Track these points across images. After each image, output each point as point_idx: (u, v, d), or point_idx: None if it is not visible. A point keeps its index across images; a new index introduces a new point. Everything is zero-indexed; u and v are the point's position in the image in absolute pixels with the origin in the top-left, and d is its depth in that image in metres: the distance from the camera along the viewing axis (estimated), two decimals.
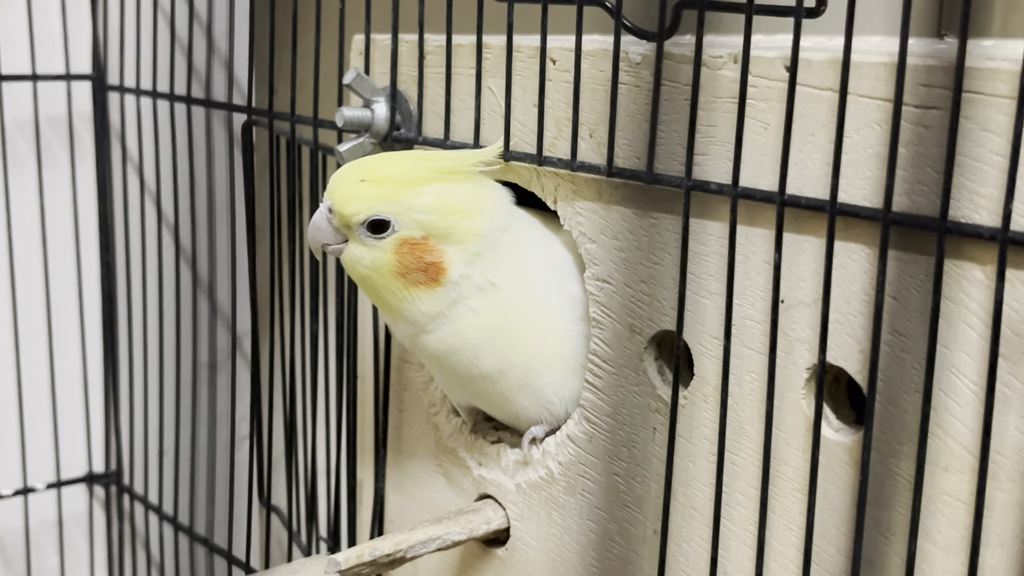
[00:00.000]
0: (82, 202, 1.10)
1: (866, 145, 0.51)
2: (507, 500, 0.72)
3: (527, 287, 0.66)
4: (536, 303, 0.66)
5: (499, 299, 0.65)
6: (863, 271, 0.52)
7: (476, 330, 0.65)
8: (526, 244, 0.67)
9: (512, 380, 0.67)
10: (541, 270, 0.67)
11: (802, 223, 0.54)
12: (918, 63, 0.49)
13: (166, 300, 1.09)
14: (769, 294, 0.55)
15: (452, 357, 0.66)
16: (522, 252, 0.66)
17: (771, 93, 0.55)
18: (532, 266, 0.67)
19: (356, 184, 0.64)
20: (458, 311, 0.65)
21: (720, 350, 0.58)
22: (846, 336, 0.53)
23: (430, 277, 0.64)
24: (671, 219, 0.60)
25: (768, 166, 0.55)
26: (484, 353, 0.66)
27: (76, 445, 1.15)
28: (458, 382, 0.69)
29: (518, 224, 0.67)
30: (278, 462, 1.04)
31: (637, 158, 0.61)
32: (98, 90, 1.09)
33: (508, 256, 0.66)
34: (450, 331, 0.65)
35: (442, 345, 0.66)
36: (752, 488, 0.58)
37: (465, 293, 0.65)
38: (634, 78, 0.60)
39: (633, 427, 0.63)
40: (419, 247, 0.63)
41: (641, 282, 0.62)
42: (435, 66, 0.72)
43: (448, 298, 0.64)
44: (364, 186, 0.64)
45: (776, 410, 0.56)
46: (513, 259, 0.66)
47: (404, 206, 0.63)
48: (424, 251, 0.64)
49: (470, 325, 0.65)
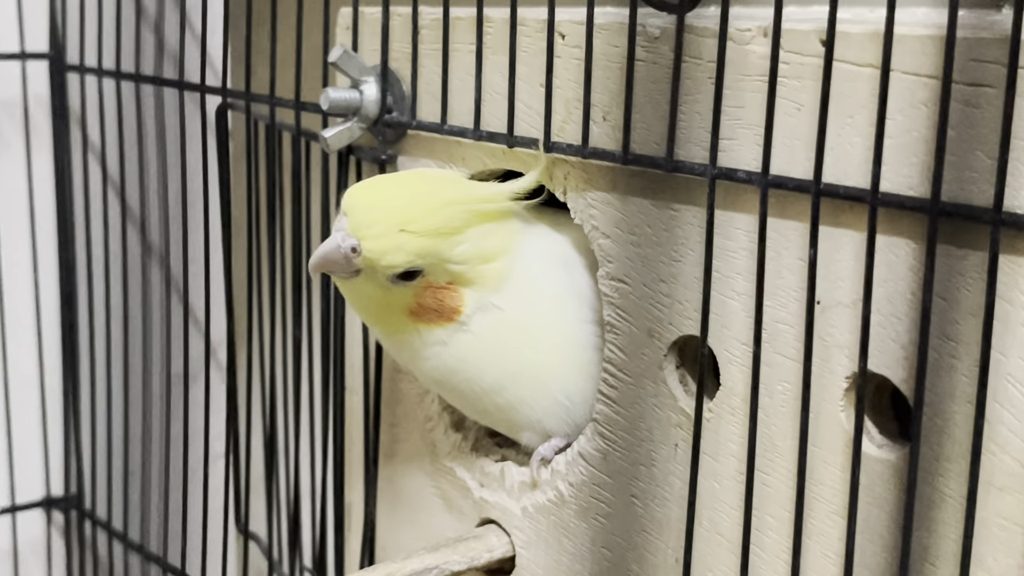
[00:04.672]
0: (38, 194, 1.11)
1: (911, 128, 0.51)
2: (512, 525, 0.72)
3: (529, 296, 0.67)
4: (540, 310, 0.67)
5: (501, 318, 0.67)
6: (908, 268, 0.52)
7: (477, 350, 0.67)
8: (532, 249, 0.68)
9: (517, 393, 0.67)
10: (545, 270, 0.68)
11: (840, 215, 0.54)
12: (969, 36, 0.49)
13: (132, 304, 1.09)
14: (803, 294, 0.55)
15: (452, 377, 0.68)
16: (527, 257, 0.68)
17: (805, 70, 0.55)
18: (535, 268, 0.68)
19: (396, 234, 0.64)
20: (459, 336, 0.67)
21: (749, 357, 0.58)
22: (889, 341, 0.53)
23: (444, 317, 0.66)
24: (694, 211, 0.60)
25: (802, 152, 0.55)
26: (485, 370, 0.68)
27: (32, 466, 1.15)
28: (458, 399, 0.70)
29: (527, 234, 0.68)
30: (257, 484, 1.04)
31: (656, 143, 0.61)
32: (55, 70, 1.09)
33: (517, 279, 0.67)
34: (449, 353, 0.67)
35: (441, 367, 0.68)
36: (785, 511, 0.58)
37: (470, 322, 0.67)
38: (652, 54, 0.61)
39: (652, 443, 0.64)
40: (441, 292, 0.66)
41: (660, 281, 0.62)
42: (431, 42, 0.73)
43: (453, 330, 0.67)
44: (405, 238, 0.64)
45: (812, 424, 0.56)
46: (519, 273, 0.67)
47: (441, 257, 0.65)
48: (445, 295, 0.66)
49: (471, 346, 0.67)
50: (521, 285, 0.67)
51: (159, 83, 0.98)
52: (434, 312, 0.66)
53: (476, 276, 0.66)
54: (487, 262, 0.66)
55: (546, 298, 0.68)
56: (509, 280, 0.67)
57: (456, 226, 0.65)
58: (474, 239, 0.66)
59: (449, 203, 0.65)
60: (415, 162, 0.75)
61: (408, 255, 0.64)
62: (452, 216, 0.65)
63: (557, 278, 0.68)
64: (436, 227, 0.65)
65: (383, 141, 0.76)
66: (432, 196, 0.66)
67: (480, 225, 0.66)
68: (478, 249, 0.66)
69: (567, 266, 0.68)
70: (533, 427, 0.69)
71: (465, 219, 0.65)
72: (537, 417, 0.68)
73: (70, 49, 1.09)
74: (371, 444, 0.80)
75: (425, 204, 0.65)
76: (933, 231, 0.50)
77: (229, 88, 0.88)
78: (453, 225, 0.65)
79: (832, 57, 0.53)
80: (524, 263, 0.67)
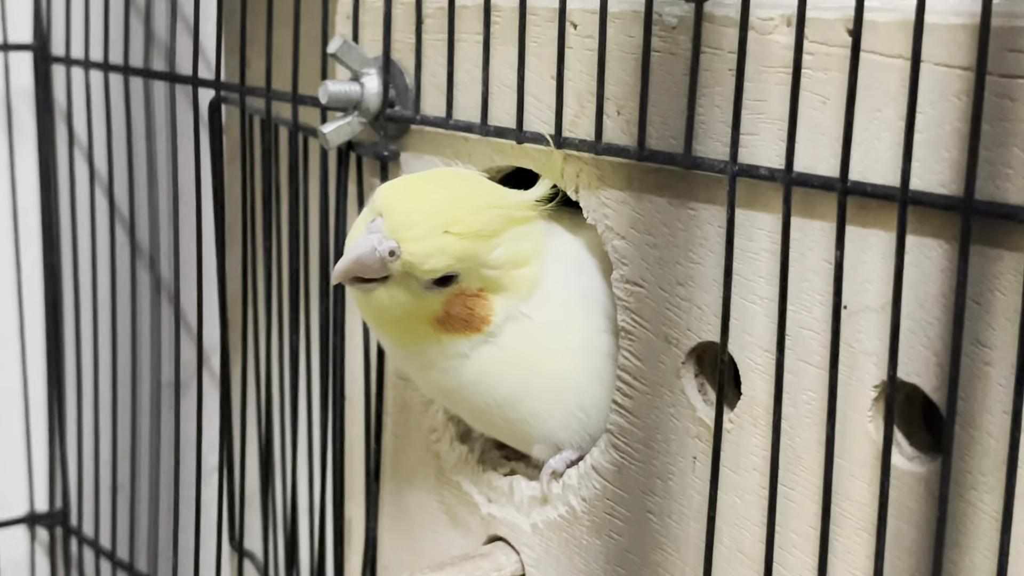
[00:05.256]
0: (21, 193, 1.11)
1: (943, 122, 0.51)
2: (521, 543, 0.72)
3: (549, 304, 0.68)
4: (557, 317, 0.68)
5: (528, 328, 0.67)
6: (940, 270, 0.52)
7: (499, 363, 0.67)
8: (551, 253, 0.68)
9: (532, 406, 0.68)
10: (561, 276, 0.68)
11: (868, 214, 0.54)
12: (1003, 24, 0.49)
13: (120, 309, 1.09)
14: (829, 298, 0.56)
15: (466, 390, 0.69)
16: (549, 262, 0.68)
17: (831, 61, 0.55)
18: (552, 274, 0.68)
19: (440, 235, 0.64)
20: (483, 348, 0.67)
21: (772, 365, 0.58)
22: (920, 348, 0.53)
23: (471, 327, 0.66)
24: (713, 210, 0.60)
25: (827, 147, 0.55)
26: (503, 382, 0.68)
27: (15, 480, 1.15)
28: (467, 411, 0.71)
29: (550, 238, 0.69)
30: (252, 498, 1.04)
31: (673, 139, 0.61)
32: (40, 62, 1.09)
33: (542, 288, 0.68)
34: (470, 365, 0.67)
35: (456, 379, 0.68)
36: (810, 528, 0.58)
37: (500, 333, 0.67)
38: (669, 44, 0.61)
39: (669, 456, 0.64)
40: (472, 299, 0.66)
41: (678, 285, 0.62)
42: (435, 32, 0.73)
43: (478, 341, 0.67)
44: (448, 240, 0.64)
45: (838, 435, 0.56)
46: (546, 280, 0.68)
47: (478, 261, 0.65)
48: (476, 303, 0.66)
49: (493, 358, 0.67)
50: (544, 292, 0.67)
51: (149, 75, 0.98)
52: (462, 322, 0.66)
53: (509, 282, 0.66)
54: (520, 267, 0.67)
55: (563, 305, 0.68)
56: (539, 287, 0.67)
57: (494, 229, 0.65)
58: (509, 242, 0.66)
59: (488, 205, 0.66)
60: (418, 159, 0.75)
61: (450, 258, 0.64)
62: (492, 218, 0.65)
63: (572, 283, 0.68)
64: (478, 229, 0.65)
65: (385, 137, 0.76)
66: (472, 197, 0.66)
67: (512, 229, 0.66)
68: (512, 253, 0.66)
69: (581, 270, 0.68)
70: (545, 440, 0.69)
71: (502, 222, 0.66)
72: (550, 430, 0.69)
73: (55, 40, 1.09)
74: (372, 456, 0.80)
75: (467, 205, 0.65)
76: (966, 231, 0.50)
77: (223, 81, 0.89)
78: (492, 228, 0.65)
79: (859, 47, 0.53)
80: (550, 269, 0.68)
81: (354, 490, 0.83)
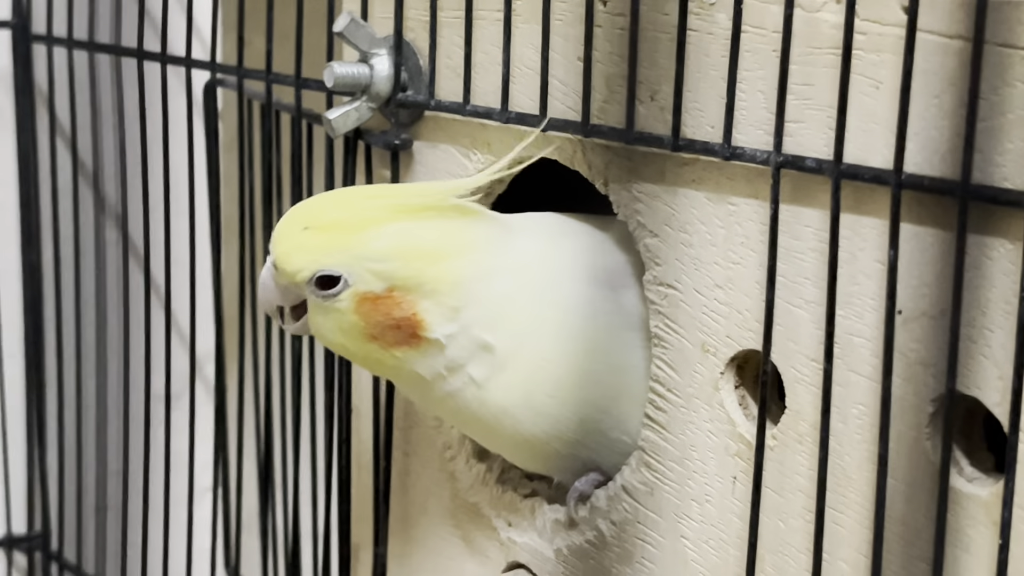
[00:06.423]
0: None
1: (1008, 109, 0.51)
2: (544, 571, 0.72)
3: (550, 332, 0.67)
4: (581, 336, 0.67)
5: (504, 364, 0.67)
6: (1004, 273, 0.52)
7: (484, 404, 0.68)
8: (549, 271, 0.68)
9: (554, 446, 0.69)
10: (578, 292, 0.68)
11: (924, 211, 0.54)
12: None
13: (106, 313, 1.09)
14: (882, 303, 0.56)
15: (467, 428, 0.71)
16: (540, 287, 0.68)
17: (884, 42, 0.55)
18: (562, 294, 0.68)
19: (298, 233, 0.67)
20: (459, 381, 0.67)
21: (819, 375, 0.58)
22: (982, 358, 0.53)
23: (407, 334, 0.66)
24: (755, 205, 0.60)
25: (881, 137, 0.55)
26: (503, 423, 0.68)
27: None
28: (483, 441, 0.73)
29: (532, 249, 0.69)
30: (250, 521, 1.05)
31: (711, 127, 0.61)
32: (20, 40, 1.10)
33: (510, 303, 0.67)
34: (458, 401, 0.68)
35: (455, 413, 0.69)
36: (861, 555, 0.58)
37: (458, 359, 0.67)
38: (707, 23, 0.61)
39: (707, 476, 0.64)
40: (383, 302, 0.66)
41: (716, 288, 0.62)
42: (452, 9, 0.73)
43: (440, 360, 0.67)
44: (307, 236, 0.66)
45: (892, 454, 0.56)
46: (523, 304, 0.67)
47: (354, 255, 0.65)
48: (390, 306, 0.66)
49: (476, 399, 0.68)
50: (537, 324, 0.67)
51: (139, 56, 0.98)
52: (393, 330, 0.66)
53: (415, 278, 0.66)
54: (422, 259, 0.66)
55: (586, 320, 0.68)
56: (490, 302, 0.67)
57: (370, 217, 0.66)
58: (397, 233, 0.66)
59: (366, 195, 0.68)
60: (433, 147, 0.75)
61: (310, 253, 0.66)
62: (364, 208, 0.67)
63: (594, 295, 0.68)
64: (341, 219, 0.66)
65: (396, 124, 0.76)
66: (343, 193, 0.69)
67: (408, 221, 0.66)
68: (402, 243, 0.66)
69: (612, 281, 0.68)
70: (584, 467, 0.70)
71: (383, 212, 0.66)
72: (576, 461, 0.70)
73: (36, 16, 1.10)
74: (382, 476, 0.80)
75: (336, 199, 0.68)
76: None
77: (219, 63, 0.89)
78: (365, 216, 0.66)
79: (915, 26, 0.53)
80: (539, 296, 0.67)
81: (362, 512, 0.83)
